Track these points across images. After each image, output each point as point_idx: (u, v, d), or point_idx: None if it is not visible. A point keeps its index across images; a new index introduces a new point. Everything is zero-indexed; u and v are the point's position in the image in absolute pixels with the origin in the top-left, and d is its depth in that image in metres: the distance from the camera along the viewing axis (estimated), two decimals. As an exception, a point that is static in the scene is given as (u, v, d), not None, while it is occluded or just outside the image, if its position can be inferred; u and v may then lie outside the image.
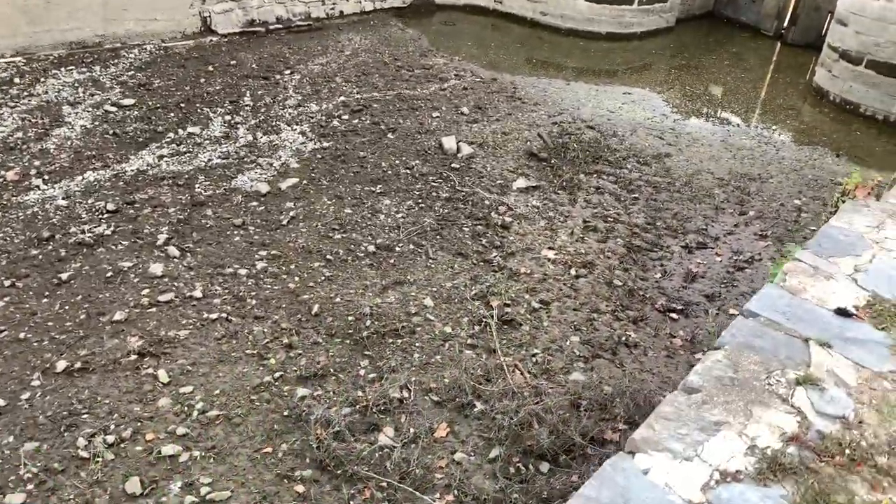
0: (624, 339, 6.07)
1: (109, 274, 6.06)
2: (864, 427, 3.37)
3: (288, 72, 11.51)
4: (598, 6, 15.51)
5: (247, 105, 9.98)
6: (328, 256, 6.64)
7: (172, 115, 9.40)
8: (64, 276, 5.95)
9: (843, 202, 5.77)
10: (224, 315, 5.70)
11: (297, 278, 6.30)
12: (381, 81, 11.53)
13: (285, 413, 4.77)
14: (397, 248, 6.93)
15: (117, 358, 5.12)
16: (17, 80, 9.70)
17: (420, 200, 7.90)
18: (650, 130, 10.73)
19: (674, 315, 6.54)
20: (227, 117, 9.50)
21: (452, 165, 8.81)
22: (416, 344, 5.61)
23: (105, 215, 6.90)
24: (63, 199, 7.07)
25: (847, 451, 3.19)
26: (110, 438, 4.42)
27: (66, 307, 5.61)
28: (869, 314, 4.28)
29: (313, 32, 14.12)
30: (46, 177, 7.43)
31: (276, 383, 5.03)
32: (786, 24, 16.34)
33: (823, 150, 10.65)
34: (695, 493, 2.97)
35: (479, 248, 7.10)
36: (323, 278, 6.33)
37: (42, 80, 9.81)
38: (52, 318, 5.48)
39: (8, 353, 5.08)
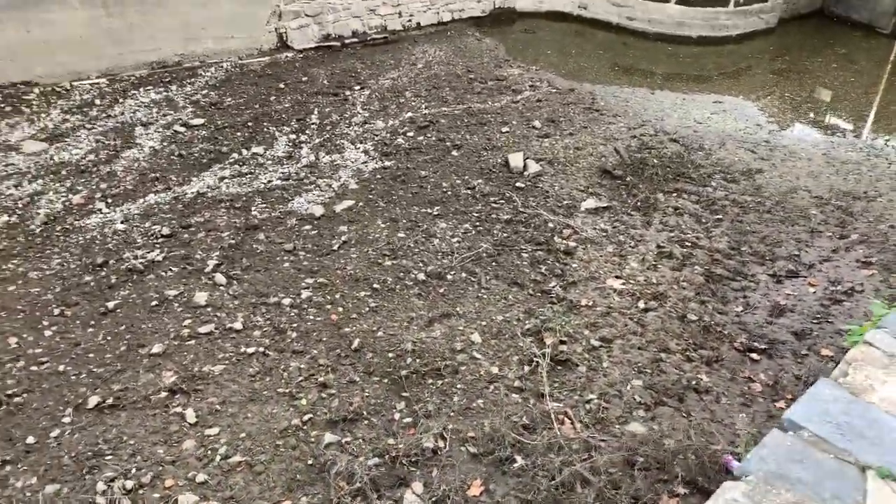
0: (694, 383, 5.40)
1: (155, 303, 6.00)
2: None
3: (358, 87, 11.38)
4: (689, 9, 14.57)
5: (313, 123, 9.89)
6: (375, 285, 6.33)
7: (239, 134, 9.43)
8: (111, 304, 5.94)
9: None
10: (262, 349, 5.49)
11: (341, 309, 6.03)
12: (451, 95, 11.20)
13: (309, 461, 4.47)
14: (449, 276, 6.54)
15: (148, 394, 4.99)
16: (97, 101, 10.05)
17: (478, 223, 7.47)
18: (741, 143, 9.82)
19: (755, 355, 5.79)
20: (293, 136, 9.44)
21: (517, 185, 8.33)
22: (458, 385, 5.19)
23: (159, 240, 6.90)
24: (121, 223, 7.14)
25: None
26: (129, 484, 4.26)
27: (109, 338, 5.57)
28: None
29: (388, 45, 13.99)
30: (109, 200, 7.55)
31: (305, 427, 4.74)
32: (904, 20, 14.76)
33: (945, 164, 9.39)
34: None
35: (537, 277, 6.59)
36: (368, 309, 6.02)
37: (121, 100, 10.11)
38: (94, 350, 5.44)
39: (46, 387, 5.06)
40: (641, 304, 6.28)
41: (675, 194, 8.26)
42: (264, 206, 7.69)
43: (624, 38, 15.00)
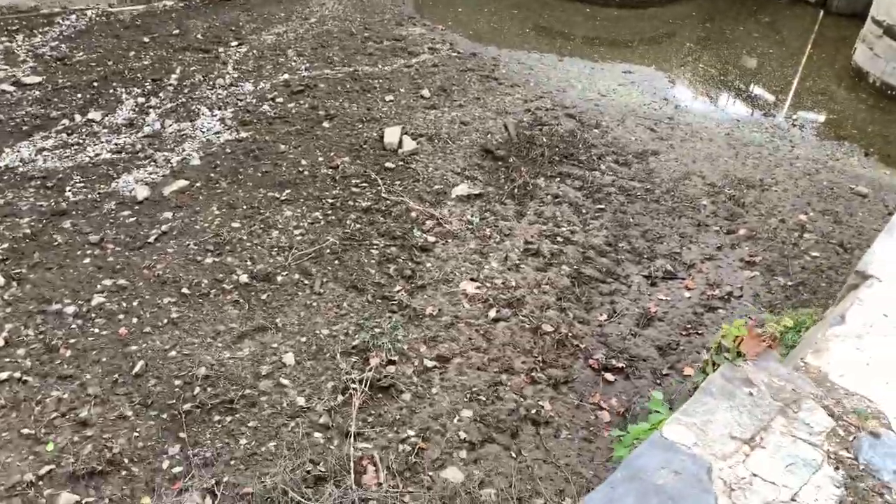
0: (534, 412, 4.74)
1: None
2: None
3: (235, 43, 10.21)
4: (611, -33, 13.65)
5: (170, 84, 8.75)
6: (185, 289, 5.43)
7: (79, 96, 8.25)
8: None
9: (715, 366, 2.91)
10: (19, 374, 4.58)
11: (135, 320, 5.12)
12: (338, 56, 10.14)
13: (33, 532, 3.65)
14: (279, 278, 5.68)
15: None
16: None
17: (331, 211, 6.60)
18: (642, 120, 9.12)
19: (610, 375, 5.17)
20: (141, 100, 8.30)
21: (387, 165, 7.46)
22: (251, 423, 4.40)
23: (-62, 227, 5.83)
24: None
25: None
26: None
27: None
28: None
29: (285, -5, 12.71)
30: None
31: (40, 482, 3.89)
32: (831, -12, 14.17)
33: (850, 147, 8.90)
34: None
35: (382, 279, 5.80)
36: (167, 321, 5.13)
37: (-56, 52, 8.76)
38: None
39: None
40: (493, 313, 5.56)
41: (558, 179, 7.53)
42: (82, 185, 6.64)
43: (545, -3, 14.03)
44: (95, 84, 8.53)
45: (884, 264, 2.33)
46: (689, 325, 5.73)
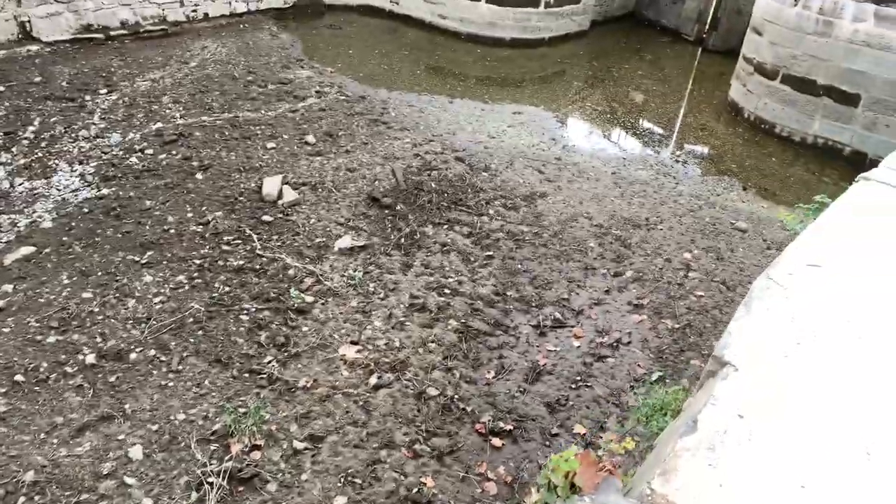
0: (415, 491, 4.37)
1: None
2: None
3: (105, 91, 9.54)
4: (501, 9, 13.84)
5: (25, 137, 8.00)
6: (19, 376, 4.78)
7: (-86, 154, 7.39)
8: None
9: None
10: None
11: (-48, 418, 4.44)
12: (218, 101, 9.64)
13: None
14: (131, 356, 5.11)
15: None
16: None
17: (197, 274, 6.08)
18: (531, 161, 9.08)
19: (497, 440, 4.88)
20: (-10, 156, 7.52)
21: (264, 218, 7.01)
22: (83, 537, 3.82)
23: None
24: None
25: None
26: None
27: None
28: None
29: (166, 39, 12.16)
30: None
31: None
32: (706, 28, 14.92)
33: (730, 182, 9.16)
34: None
35: (251, 350, 5.32)
36: (-7, 416, 4.48)
37: None
38: None
39: None
40: (374, 380, 5.19)
41: (446, 226, 7.30)
42: None
43: (436, 38, 14.07)
44: (-65, 139, 7.69)
45: (741, 348, 2.13)
46: (579, 378, 5.55)
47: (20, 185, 7.07)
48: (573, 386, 5.47)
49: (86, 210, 6.79)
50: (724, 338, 2.25)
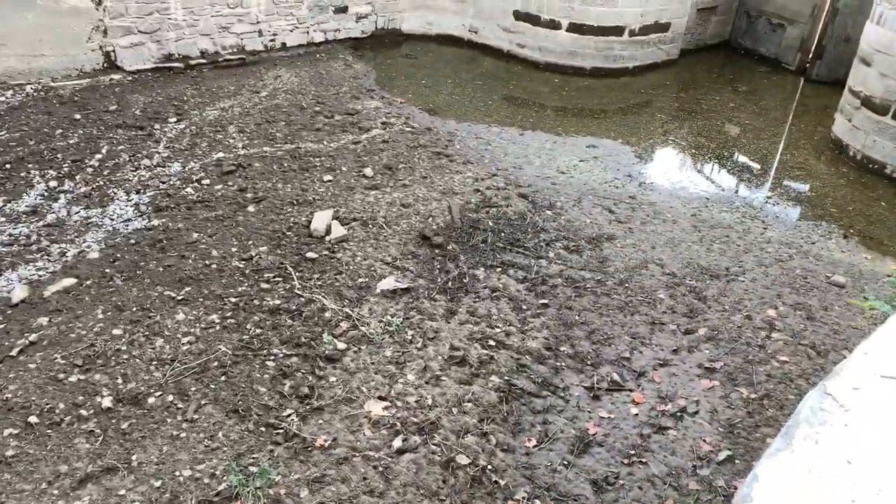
0: (429, 582, 3.82)
1: None
2: None
3: (174, 119, 9.66)
4: (581, 37, 13.28)
5: (90, 165, 8.12)
6: (33, 417, 4.61)
7: (-13, 180, 7.61)
8: None
9: None
10: None
11: (-43, 460, 4.29)
12: (283, 132, 9.56)
13: None
14: (150, 400, 4.86)
15: None
16: None
17: (231, 314, 5.81)
18: (601, 200, 8.42)
19: (532, 526, 4.26)
20: (54, 183, 7.65)
21: (308, 255, 6.72)
22: None
23: None
24: None
25: None
26: None
27: None
28: None
29: (242, 68, 12.32)
30: None
31: None
32: (810, 56, 13.76)
33: (828, 228, 8.15)
34: None
35: (272, 400, 4.96)
36: (-3, 461, 4.29)
37: None
38: None
39: None
40: (398, 442, 4.70)
41: (499, 269, 6.77)
42: (-46, 285, 5.90)
43: (513, 67, 13.65)
44: (8, 166, 7.91)
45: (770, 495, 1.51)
46: (633, 452, 4.86)
47: (76, 213, 7.11)
48: (625, 461, 4.78)
49: (132, 241, 6.71)
50: (748, 485, 1.62)
